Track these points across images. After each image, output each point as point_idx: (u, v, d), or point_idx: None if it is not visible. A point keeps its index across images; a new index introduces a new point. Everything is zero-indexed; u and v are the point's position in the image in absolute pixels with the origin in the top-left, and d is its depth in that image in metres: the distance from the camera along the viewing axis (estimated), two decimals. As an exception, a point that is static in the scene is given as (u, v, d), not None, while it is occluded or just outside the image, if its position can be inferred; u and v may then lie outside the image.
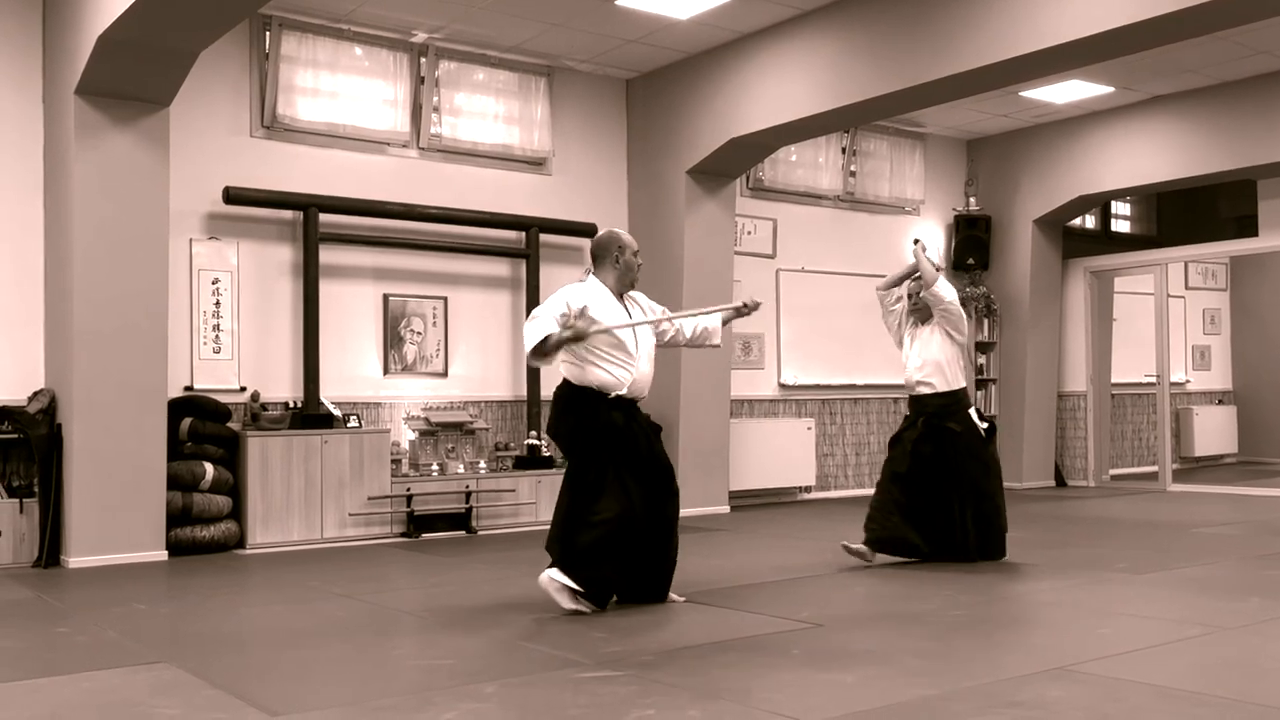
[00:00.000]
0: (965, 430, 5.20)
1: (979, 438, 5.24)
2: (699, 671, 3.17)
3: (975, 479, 5.16)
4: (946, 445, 5.18)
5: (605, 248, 4.24)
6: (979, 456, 5.21)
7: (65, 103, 5.40)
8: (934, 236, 9.62)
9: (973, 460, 5.18)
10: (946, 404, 5.25)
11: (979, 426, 5.26)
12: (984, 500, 5.18)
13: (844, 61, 6.47)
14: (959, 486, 5.15)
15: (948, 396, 5.26)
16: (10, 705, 2.93)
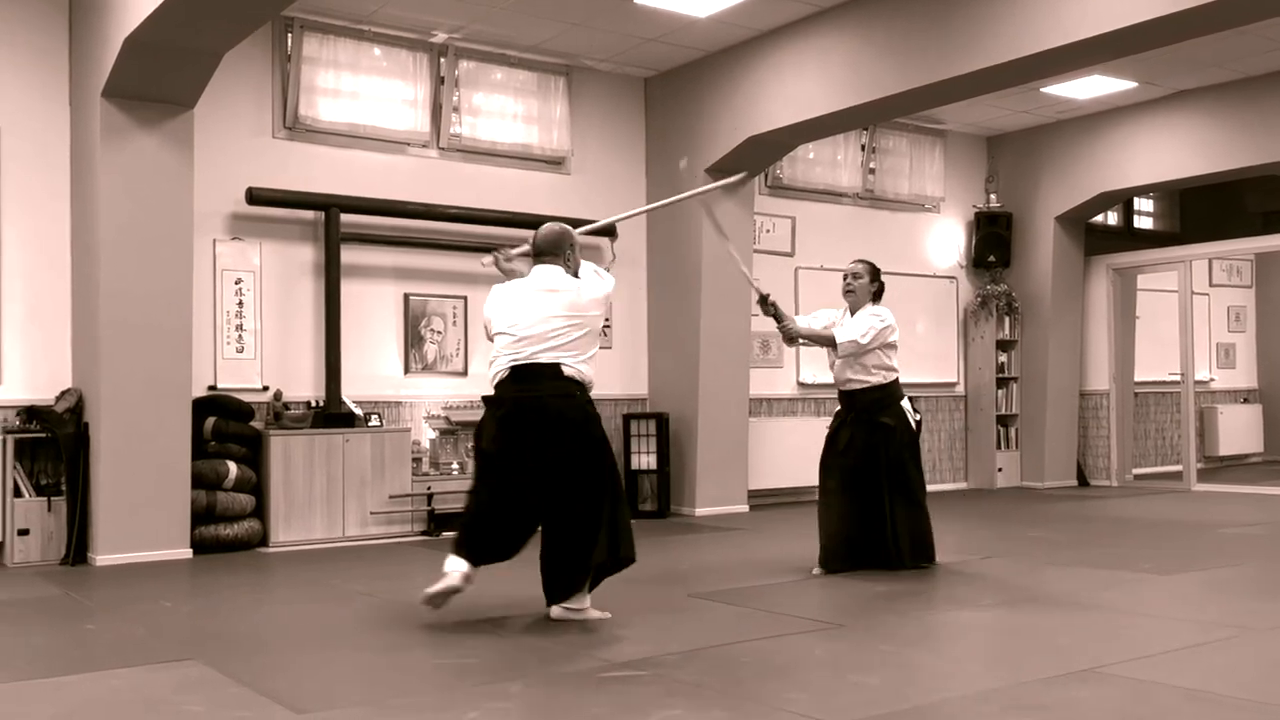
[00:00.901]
0: (899, 425, 4.97)
1: (911, 433, 5.02)
2: (722, 672, 3.17)
3: (907, 479, 4.95)
4: (879, 442, 4.94)
5: (558, 243, 3.96)
6: (912, 454, 5.00)
7: (92, 105, 5.45)
8: (954, 234, 9.57)
9: (905, 458, 4.96)
10: (879, 398, 5.01)
11: (911, 420, 5.03)
12: (914, 502, 4.97)
13: (863, 58, 6.44)
14: (891, 487, 4.91)
15: (879, 390, 5.03)
16: (40, 702, 2.96)
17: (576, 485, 3.76)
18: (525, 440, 3.74)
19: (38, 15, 5.84)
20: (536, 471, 3.74)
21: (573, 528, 3.77)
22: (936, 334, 9.37)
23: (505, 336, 3.85)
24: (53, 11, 5.89)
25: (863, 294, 5.11)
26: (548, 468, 3.74)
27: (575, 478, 3.76)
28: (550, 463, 3.74)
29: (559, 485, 3.76)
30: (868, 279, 5.14)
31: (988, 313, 9.37)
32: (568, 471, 3.75)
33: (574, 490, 3.76)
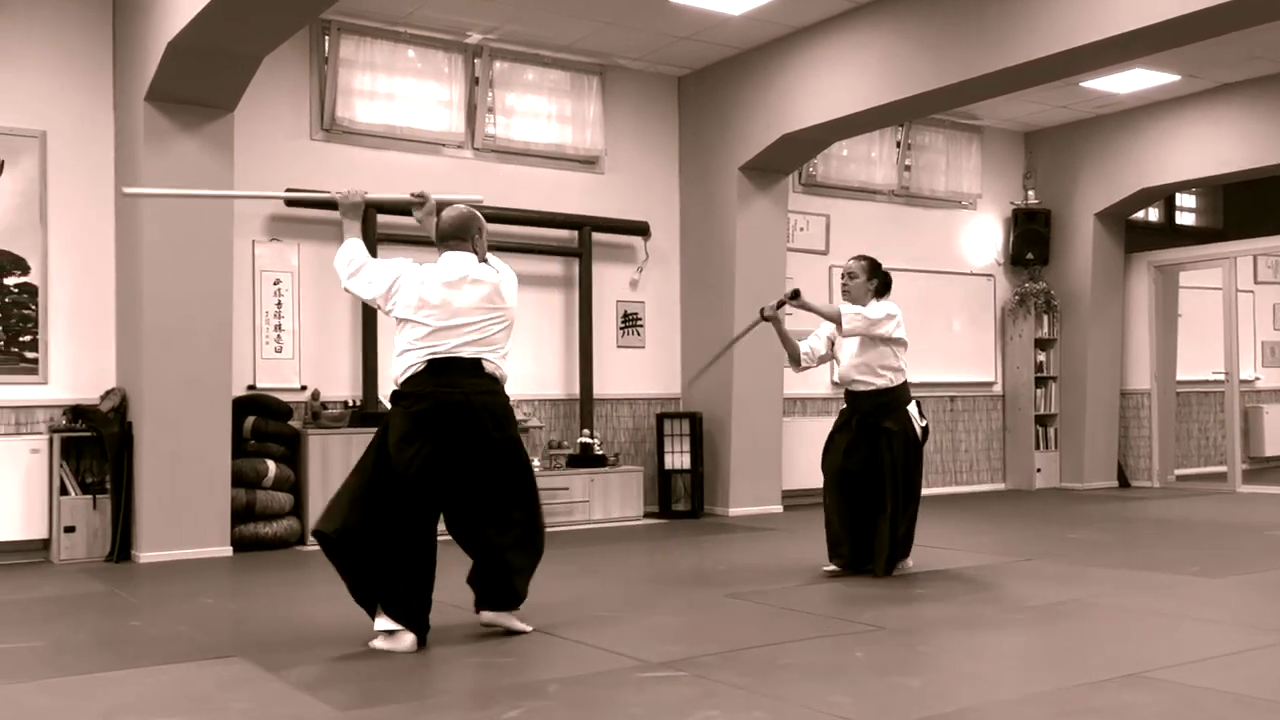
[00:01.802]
0: (902, 430, 4.72)
1: (915, 439, 4.76)
2: (760, 673, 3.15)
3: (904, 487, 4.73)
4: (882, 448, 4.71)
5: (466, 227, 3.67)
6: (913, 461, 4.76)
7: (135, 109, 5.54)
8: (992, 231, 9.47)
9: (907, 465, 4.73)
10: (884, 402, 4.76)
11: (918, 426, 4.78)
12: (906, 512, 4.77)
13: (899, 55, 6.39)
14: (889, 495, 4.71)
15: (885, 394, 4.77)
16: (87, 697, 3.01)
17: (505, 486, 3.56)
18: (446, 439, 3.45)
19: (83, 22, 5.94)
20: (459, 473, 3.48)
21: (506, 531, 3.57)
22: (973, 333, 9.28)
23: (418, 327, 3.55)
24: (97, 18, 5.98)
25: (859, 293, 4.80)
26: (471, 469, 3.49)
27: (503, 479, 3.55)
28: (474, 463, 3.49)
29: (484, 487, 3.53)
30: (864, 277, 4.80)
31: (1026, 311, 9.25)
32: (495, 472, 3.53)
33: (502, 492, 3.56)
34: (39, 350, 5.82)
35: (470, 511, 3.57)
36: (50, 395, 5.84)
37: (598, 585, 4.83)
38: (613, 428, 7.66)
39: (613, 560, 5.58)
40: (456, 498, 3.53)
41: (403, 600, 3.49)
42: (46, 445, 5.62)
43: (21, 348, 5.79)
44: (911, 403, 4.80)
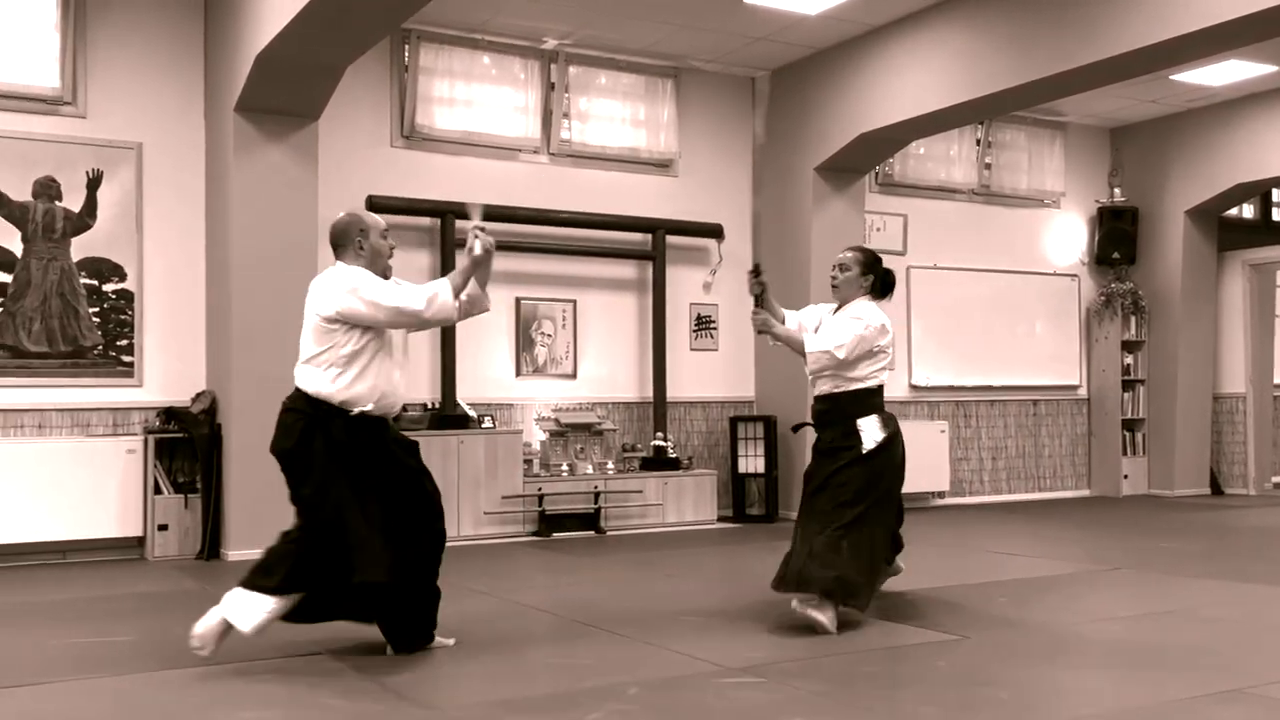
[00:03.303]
0: (850, 446, 3.94)
1: (856, 454, 3.91)
2: (842, 681, 3.11)
3: (832, 503, 3.89)
4: (826, 463, 4.00)
5: (345, 233, 3.51)
6: (856, 478, 3.90)
7: (225, 119, 5.72)
8: (1076, 230, 9.21)
9: (845, 480, 3.90)
10: (825, 410, 4.07)
11: (865, 440, 3.93)
12: (828, 534, 3.83)
13: (980, 51, 6.26)
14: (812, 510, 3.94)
15: (830, 400, 4.04)
16: (184, 691, 3.11)
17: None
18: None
19: (176, 38, 6.16)
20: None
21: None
22: (1056, 334, 9.03)
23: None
24: (189, 33, 6.20)
25: (850, 289, 4.09)
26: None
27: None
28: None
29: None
30: (857, 271, 4.07)
31: (1112, 312, 8.98)
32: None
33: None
34: (134, 354, 6.05)
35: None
36: (145, 398, 6.06)
37: (674, 589, 4.83)
38: (686, 431, 7.65)
39: (688, 564, 5.57)
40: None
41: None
42: (141, 446, 5.84)
43: (118, 352, 6.03)
44: (868, 417, 3.98)
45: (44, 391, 5.83)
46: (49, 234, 5.88)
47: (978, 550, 5.85)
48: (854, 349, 3.94)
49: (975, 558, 5.55)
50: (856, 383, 4.00)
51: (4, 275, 5.77)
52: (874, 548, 3.93)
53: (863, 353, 3.96)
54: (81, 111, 5.96)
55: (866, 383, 4.01)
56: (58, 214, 5.90)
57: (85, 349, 5.94)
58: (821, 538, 3.80)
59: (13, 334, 5.79)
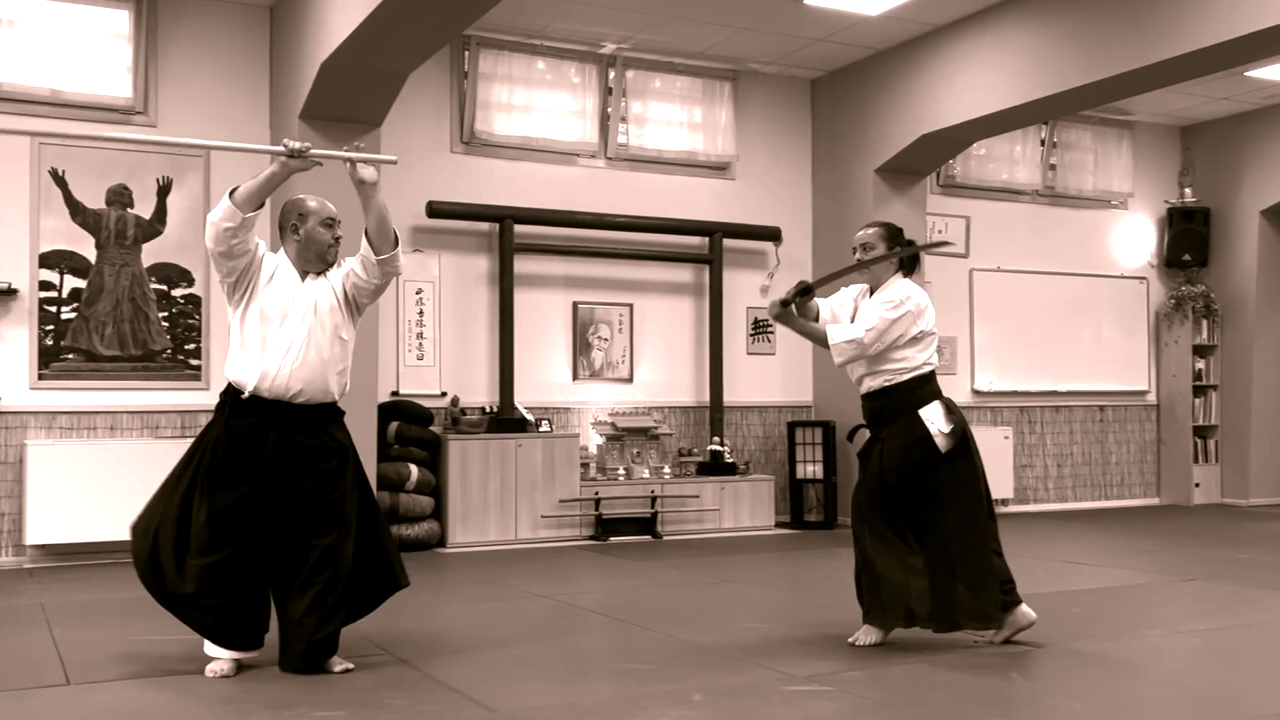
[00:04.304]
0: (908, 442, 3.58)
1: (928, 450, 3.56)
2: (911, 690, 3.05)
3: (932, 511, 3.57)
4: (885, 464, 3.64)
5: (284, 217, 3.47)
6: (936, 479, 3.56)
7: (290, 127, 5.81)
8: (1144, 231, 8.97)
9: (926, 484, 3.57)
10: (880, 407, 3.68)
11: (933, 432, 3.56)
12: (951, 547, 3.54)
13: (1046, 49, 6.12)
14: (912, 525, 3.61)
15: (883, 396, 3.66)
16: (253, 689, 3.14)
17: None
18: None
19: (243, 47, 6.28)
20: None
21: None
22: (1124, 338, 8.80)
23: None
24: (256, 42, 6.32)
25: (880, 269, 3.74)
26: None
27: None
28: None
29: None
30: (883, 248, 3.74)
31: (1183, 316, 8.72)
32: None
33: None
34: (201, 358, 6.18)
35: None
36: (211, 400, 6.10)
37: (733, 595, 4.79)
38: (743, 436, 7.59)
39: (746, 570, 5.52)
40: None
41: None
42: (209, 447, 5.94)
43: (186, 355, 6.16)
44: (931, 403, 3.62)
45: (115, 394, 5.98)
46: (121, 240, 6.03)
47: (1045, 559, 5.71)
48: (881, 336, 3.58)
49: (1043, 567, 5.41)
50: (907, 372, 3.62)
51: (79, 281, 5.93)
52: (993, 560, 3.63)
53: (894, 339, 3.59)
54: (152, 120, 6.10)
55: (920, 370, 3.63)
56: (129, 221, 6.05)
57: (155, 352, 6.08)
58: (968, 564, 3.52)
59: (86, 338, 5.94)
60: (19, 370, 5.80)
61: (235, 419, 3.28)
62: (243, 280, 3.39)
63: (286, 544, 3.27)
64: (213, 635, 3.26)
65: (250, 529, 3.24)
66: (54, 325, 5.87)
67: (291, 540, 3.26)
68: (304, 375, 3.29)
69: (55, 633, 3.94)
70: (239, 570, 3.23)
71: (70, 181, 5.92)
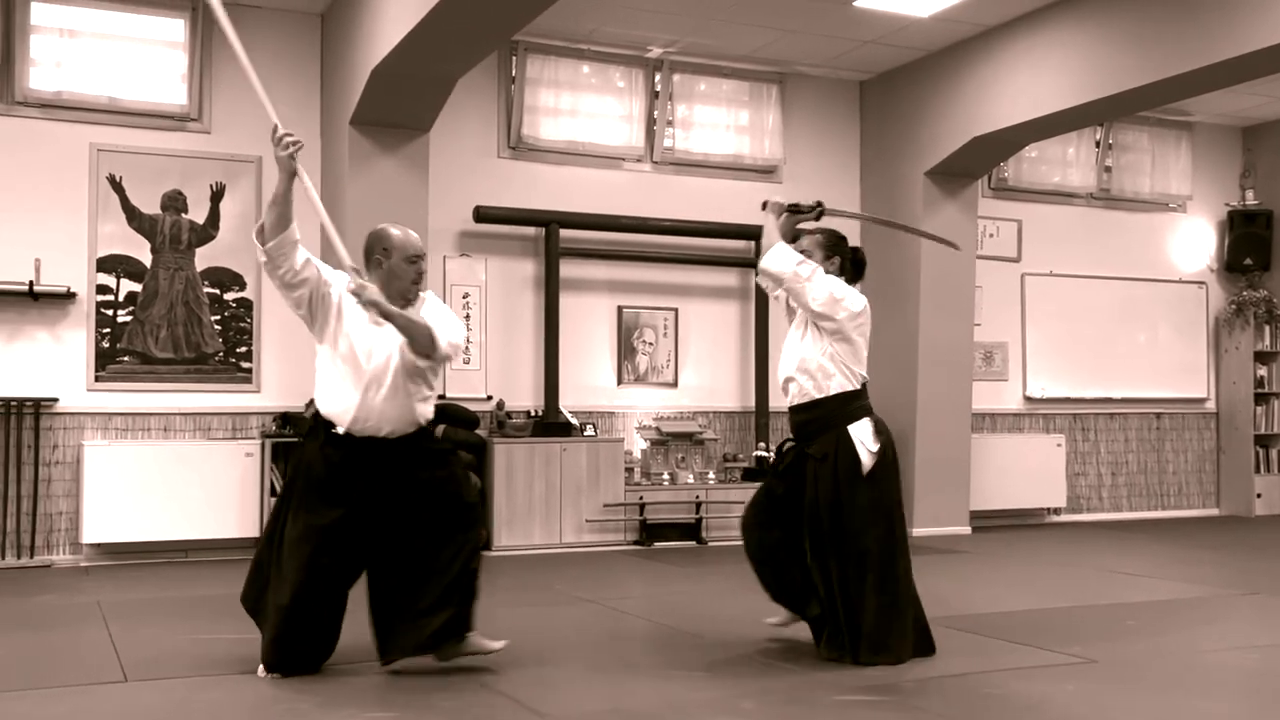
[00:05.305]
0: (833, 458, 3.48)
1: (854, 469, 3.47)
2: (965, 703, 2.98)
3: (854, 537, 3.43)
4: (809, 480, 3.53)
5: (369, 247, 3.43)
6: (848, 499, 3.44)
7: (340, 133, 5.88)
8: (1204, 235, 8.75)
9: (837, 505, 3.44)
10: (811, 418, 3.59)
11: (861, 451, 3.49)
12: (867, 573, 3.41)
13: (1103, 50, 5.99)
14: (828, 548, 3.46)
15: (815, 408, 3.57)
16: (305, 689, 3.16)
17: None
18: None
19: (294, 54, 6.36)
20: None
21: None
22: (1181, 345, 8.58)
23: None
24: (307, 50, 6.40)
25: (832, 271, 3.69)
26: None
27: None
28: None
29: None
30: (820, 256, 3.65)
31: (1244, 321, 8.49)
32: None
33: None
34: (253, 361, 6.26)
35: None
36: (262, 403, 6.27)
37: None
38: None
39: (794, 577, 5.45)
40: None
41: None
42: (259, 449, 6.03)
43: (238, 358, 6.25)
44: (861, 421, 3.57)
45: (169, 396, 6.08)
46: (175, 245, 6.14)
47: (1099, 570, 5.58)
48: (810, 280, 3.50)
49: (1097, 578, 5.29)
50: (839, 386, 3.56)
51: (134, 285, 6.05)
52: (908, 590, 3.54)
53: (832, 313, 3.51)
54: (206, 127, 6.21)
55: (850, 384, 3.57)
56: (184, 225, 6.16)
57: (207, 355, 6.18)
58: (880, 597, 3.42)
59: (141, 341, 6.05)
60: (76, 372, 5.92)
61: (330, 449, 3.28)
62: (316, 312, 3.36)
63: (406, 552, 3.27)
64: (277, 659, 3.26)
65: (347, 551, 3.26)
66: (110, 328, 5.99)
67: (413, 546, 3.27)
68: (393, 415, 3.29)
69: (112, 630, 4.00)
70: (321, 593, 3.25)
71: (127, 187, 6.04)
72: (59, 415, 5.86)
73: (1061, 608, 4.51)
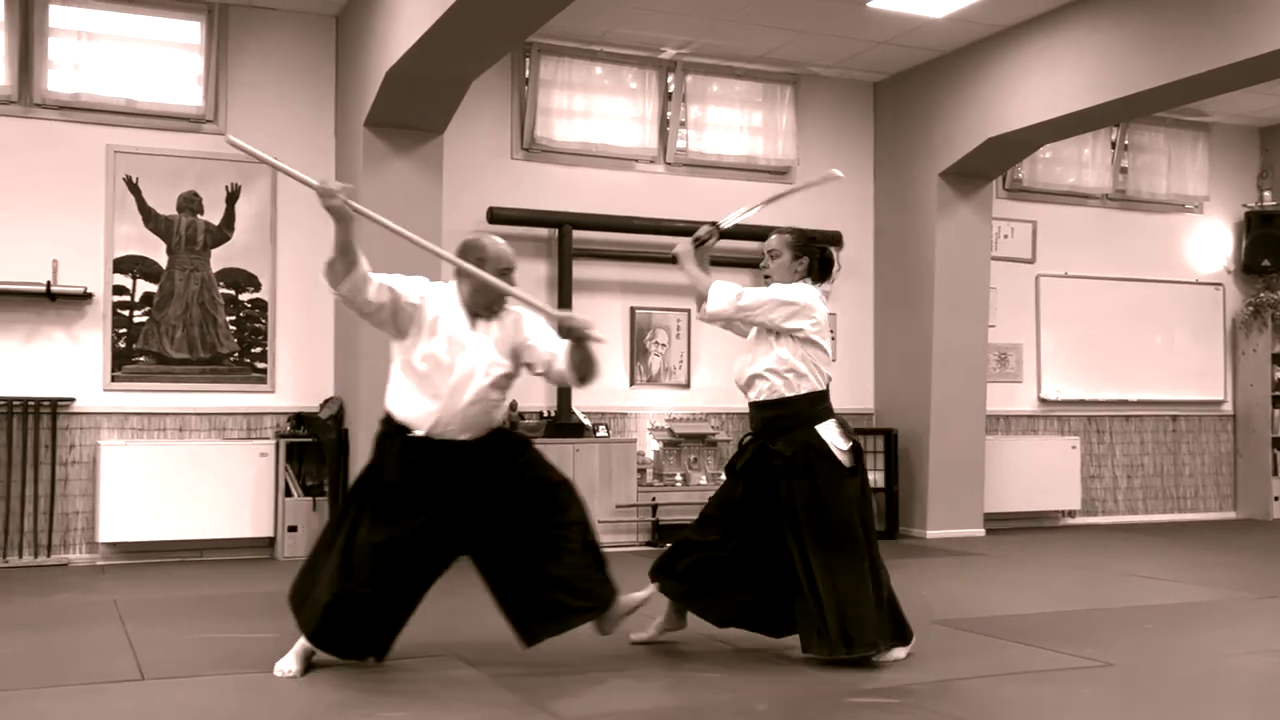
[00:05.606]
0: (801, 455, 3.46)
1: (831, 466, 3.46)
2: (980, 706, 2.97)
3: (829, 529, 3.43)
4: (777, 478, 3.49)
5: (463, 255, 3.41)
6: (820, 499, 3.43)
7: (355, 134, 5.90)
8: (1220, 236, 8.69)
9: (816, 501, 3.43)
10: (780, 415, 3.56)
11: (835, 450, 3.48)
12: (837, 565, 3.40)
13: (1119, 50, 5.96)
14: (803, 539, 3.44)
15: (785, 405, 3.55)
16: (321, 688, 3.18)
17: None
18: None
19: (309, 57, 6.39)
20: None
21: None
22: (1198, 347, 8.53)
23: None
24: (322, 53, 6.43)
25: (784, 275, 3.72)
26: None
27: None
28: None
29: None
30: (788, 256, 3.70)
31: (1262, 323, 8.43)
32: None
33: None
34: (268, 361, 6.29)
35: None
36: (277, 403, 6.29)
37: (794, 605, 4.71)
38: (803, 443, 7.51)
39: (807, 579, 5.43)
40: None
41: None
42: (273, 449, 6.05)
43: (253, 359, 6.28)
44: (828, 422, 3.55)
45: (184, 396, 6.12)
46: (191, 246, 6.17)
47: (1115, 573, 5.55)
48: (760, 306, 3.54)
49: (1113, 581, 5.26)
50: (809, 386, 3.56)
51: (150, 285, 6.08)
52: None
53: (778, 319, 3.53)
54: (222, 129, 6.23)
55: (819, 386, 3.58)
56: (199, 227, 6.19)
57: (223, 356, 6.21)
58: (877, 589, 3.46)
59: (157, 341, 6.09)
60: (93, 372, 5.96)
61: (409, 454, 3.30)
62: (401, 326, 3.36)
63: (512, 541, 3.34)
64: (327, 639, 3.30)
65: (431, 555, 3.34)
66: (126, 329, 6.02)
67: (518, 532, 3.33)
68: (474, 422, 3.33)
69: (128, 628, 4.02)
70: (395, 598, 3.31)
71: (143, 189, 6.08)
72: (76, 415, 5.90)
73: (1077, 611, 4.48)
